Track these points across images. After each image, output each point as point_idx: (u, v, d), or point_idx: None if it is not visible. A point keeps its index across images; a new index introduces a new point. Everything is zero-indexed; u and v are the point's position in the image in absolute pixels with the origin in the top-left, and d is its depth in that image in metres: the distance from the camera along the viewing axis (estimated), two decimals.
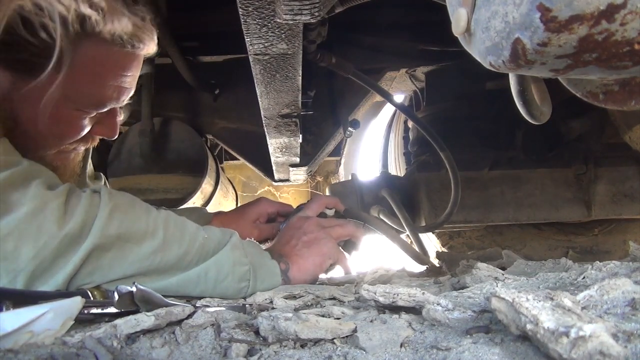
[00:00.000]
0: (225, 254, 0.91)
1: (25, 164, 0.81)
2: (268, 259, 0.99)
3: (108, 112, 1.03)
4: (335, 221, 1.18)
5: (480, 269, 0.88)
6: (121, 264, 0.81)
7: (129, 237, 0.82)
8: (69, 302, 0.61)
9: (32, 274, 0.75)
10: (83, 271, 0.78)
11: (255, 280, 0.93)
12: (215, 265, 0.89)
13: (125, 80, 0.99)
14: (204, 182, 2.15)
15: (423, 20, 1.91)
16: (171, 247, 0.86)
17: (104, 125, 1.04)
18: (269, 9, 0.96)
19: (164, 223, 0.88)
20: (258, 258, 0.97)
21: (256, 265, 0.94)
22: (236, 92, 2.14)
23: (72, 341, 0.54)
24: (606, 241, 2.36)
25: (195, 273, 0.88)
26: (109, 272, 0.81)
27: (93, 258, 0.79)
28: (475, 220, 2.07)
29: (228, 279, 0.90)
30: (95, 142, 1.10)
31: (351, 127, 1.94)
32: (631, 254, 0.95)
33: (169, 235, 0.86)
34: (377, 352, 0.53)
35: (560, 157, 2.05)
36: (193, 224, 0.94)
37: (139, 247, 0.83)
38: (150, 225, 0.85)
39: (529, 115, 0.84)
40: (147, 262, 0.83)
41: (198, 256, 0.89)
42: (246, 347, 0.56)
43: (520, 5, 0.46)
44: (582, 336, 0.40)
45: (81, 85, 0.93)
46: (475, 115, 2.12)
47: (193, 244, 0.89)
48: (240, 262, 0.92)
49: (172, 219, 0.90)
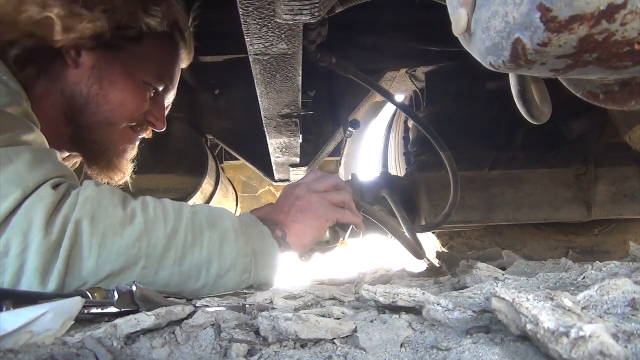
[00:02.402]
0: (230, 245, 0.89)
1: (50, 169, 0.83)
2: (268, 238, 0.96)
3: (157, 103, 1.25)
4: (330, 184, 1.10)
5: (480, 269, 0.88)
6: (107, 258, 0.79)
7: (106, 230, 0.80)
8: (69, 302, 0.60)
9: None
10: (70, 276, 0.77)
11: (257, 270, 0.91)
12: (218, 260, 0.87)
13: (175, 70, 1.27)
14: (204, 182, 2.15)
15: (423, 20, 1.91)
16: (155, 228, 0.83)
17: (155, 112, 1.24)
18: (269, 9, 0.96)
19: (141, 207, 0.85)
20: (259, 241, 0.94)
21: (257, 252, 0.92)
22: (236, 92, 2.14)
23: (72, 341, 0.54)
24: (606, 241, 2.36)
25: (197, 267, 0.86)
26: (98, 270, 0.79)
27: (75, 259, 0.77)
28: (475, 220, 2.07)
29: (230, 273, 0.88)
30: (149, 134, 1.30)
31: (351, 127, 1.94)
32: (631, 254, 0.95)
33: (149, 218, 0.84)
34: (377, 352, 0.53)
35: (560, 157, 2.05)
36: (174, 202, 0.91)
37: (120, 237, 0.80)
38: (128, 213, 0.83)
39: (529, 115, 0.84)
40: (134, 250, 0.81)
41: (191, 233, 0.86)
42: (246, 347, 0.56)
43: (520, 5, 0.46)
44: (582, 336, 0.40)
45: (150, 62, 1.19)
46: (475, 115, 2.12)
47: (179, 221, 0.86)
48: (243, 252, 0.90)
49: (150, 201, 0.88)
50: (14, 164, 0.79)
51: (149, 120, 1.25)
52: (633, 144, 1.61)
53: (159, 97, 1.26)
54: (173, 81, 1.28)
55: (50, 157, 0.87)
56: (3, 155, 0.79)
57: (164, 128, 1.29)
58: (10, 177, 0.77)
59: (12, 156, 0.79)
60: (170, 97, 1.30)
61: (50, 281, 0.75)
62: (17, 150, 0.81)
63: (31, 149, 0.83)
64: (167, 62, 1.25)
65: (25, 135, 0.88)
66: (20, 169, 0.79)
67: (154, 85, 1.22)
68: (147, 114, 1.24)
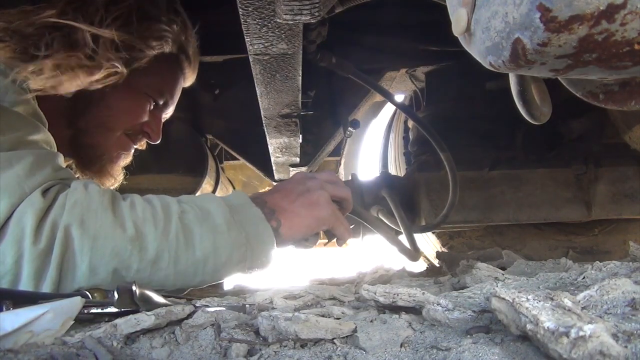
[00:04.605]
0: (223, 239, 0.88)
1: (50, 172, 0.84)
2: (261, 222, 0.93)
3: (155, 116, 1.28)
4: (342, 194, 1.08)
5: (480, 269, 0.88)
6: (100, 261, 0.79)
7: (96, 234, 0.79)
8: (69, 302, 0.60)
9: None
10: (64, 281, 0.77)
11: (253, 257, 0.91)
12: (213, 257, 0.87)
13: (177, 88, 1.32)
14: (204, 182, 2.15)
15: (423, 20, 1.91)
16: (146, 231, 0.83)
17: (153, 125, 1.28)
18: (269, 9, 0.96)
19: (130, 208, 0.85)
20: (252, 227, 0.92)
21: (251, 238, 0.90)
22: (236, 92, 2.14)
23: (72, 341, 0.54)
24: (606, 241, 2.36)
25: (193, 266, 0.85)
26: (91, 275, 0.78)
27: (68, 265, 0.77)
28: (475, 220, 2.07)
29: (226, 265, 0.88)
30: (143, 145, 1.34)
31: (351, 127, 1.94)
32: (631, 254, 0.95)
33: (138, 220, 0.83)
34: (377, 352, 0.53)
35: (560, 157, 2.05)
36: (161, 198, 0.90)
37: (112, 240, 0.80)
38: (118, 215, 0.82)
39: (529, 115, 0.84)
40: (126, 253, 0.80)
41: (182, 233, 0.85)
42: (246, 347, 0.56)
43: (520, 5, 0.46)
44: (582, 336, 0.40)
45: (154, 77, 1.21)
46: (475, 115, 2.12)
47: (169, 222, 0.85)
48: (237, 243, 0.89)
49: (138, 201, 0.87)
50: (14, 168, 0.79)
51: (145, 131, 1.28)
52: (633, 144, 1.61)
53: (158, 110, 1.29)
54: (173, 97, 1.32)
55: (52, 161, 0.87)
56: (5, 159, 0.79)
57: (158, 141, 1.32)
58: (9, 182, 0.77)
59: (14, 161, 0.79)
60: (168, 112, 1.34)
61: (43, 288, 0.75)
62: (20, 155, 0.81)
63: (34, 153, 0.83)
64: (170, 79, 1.29)
65: (32, 135, 0.88)
66: (20, 173, 0.79)
67: (155, 98, 1.25)
68: (144, 125, 1.27)
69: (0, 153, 0.79)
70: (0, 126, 0.83)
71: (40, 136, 0.90)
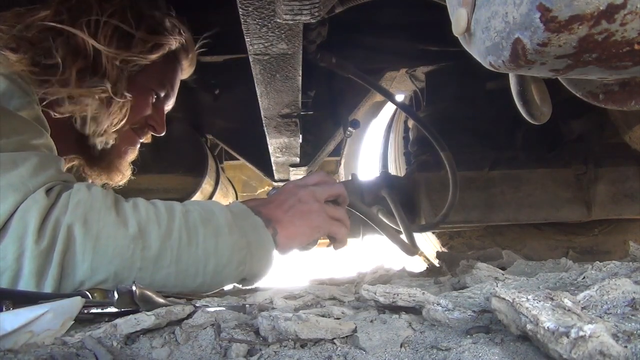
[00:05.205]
0: (225, 240, 0.88)
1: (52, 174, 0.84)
2: (261, 229, 0.94)
3: (158, 109, 1.32)
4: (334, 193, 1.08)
5: (480, 269, 0.88)
6: (102, 261, 0.79)
7: (99, 233, 0.79)
8: (69, 302, 0.60)
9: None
10: (66, 280, 0.77)
11: (252, 261, 0.91)
12: (215, 256, 0.87)
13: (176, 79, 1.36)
14: (204, 182, 2.15)
15: (423, 20, 1.91)
16: (149, 229, 0.83)
17: (156, 117, 1.31)
18: (269, 9, 0.96)
19: (133, 208, 0.85)
20: (252, 233, 0.93)
21: (252, 243, 0.91)
22: (236, 92, 2.14)
23: (72, 341, 0.54)
24: (606, 241, 2.36)
25: (194, 265, 0.86)
26: (93, 274, 0.78)
27: (70, 263, 0.77)
28: (475, 220, 2.07)
29: (227, 268, 0.88)
30: (149, 138, 1.36)
31: (351, 127, 1.94)
32: (631, 254, 0.95)
33: (142, 219, 0.83)
34: (377, 352, 0.53)
35: (560, 157, 2.05)
36: (165, 202, 0.90)
37: (114, 240, 0.80)
38: (121, 215, 0.83)
39: (529, 115, 0.84)
40: (128, 252, 0.80)
41: (186, 232, 0.86)
42: (246, 347, 0.56)
43: (520, 5, 0.46)
44: (582, 336, 0.40)
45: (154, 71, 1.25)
46: (475, 115, 2.12)
47: (172, 221, 0.86)
48: (238, 245, 0.89)
49: (141, 202, 0.87)
50: (19, 168, 0.79)
51: (150, 124, 1.32)
52: (633, 144, 1.61)
53: (160, 103, 1.33)
54: (174, 88, 1.36)
55: (55, 163, 0.88)
56: (9, 159, 0.79)
57: (163, 133, 1.36)
58: (14, 181, 0.77)
59: (18, 161, 0.80)
60: (170, 103, 1.37)
61: (45, 286, 0.75)
62: (24, 156, 0.81)
63: (38, 155, 0.84)
64: (169, 72, 1.33)
65: (35, 139, 0.88)
66: (23, 173, 0.79)
67: (157, 91, 1.29)
68: (148, 119, 1.30)
69: (5, 154, 0.80)
70: (5, 130, 0.84)
71: (43, 141, 0.91)
